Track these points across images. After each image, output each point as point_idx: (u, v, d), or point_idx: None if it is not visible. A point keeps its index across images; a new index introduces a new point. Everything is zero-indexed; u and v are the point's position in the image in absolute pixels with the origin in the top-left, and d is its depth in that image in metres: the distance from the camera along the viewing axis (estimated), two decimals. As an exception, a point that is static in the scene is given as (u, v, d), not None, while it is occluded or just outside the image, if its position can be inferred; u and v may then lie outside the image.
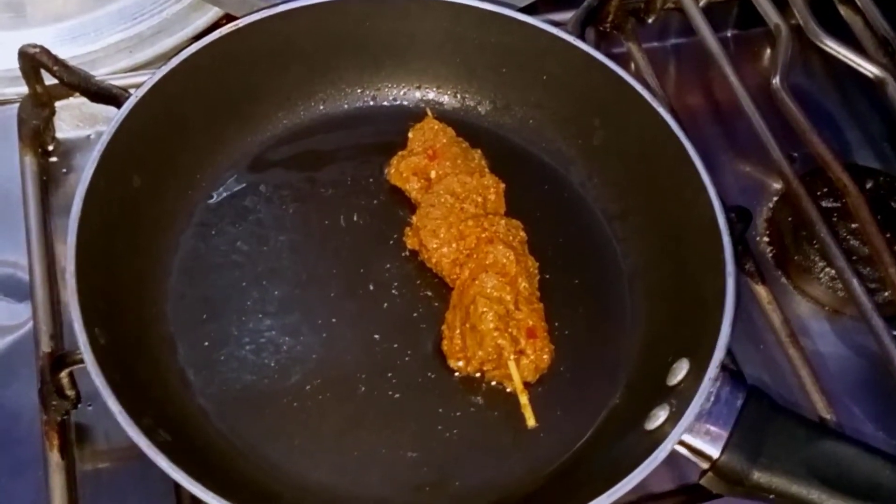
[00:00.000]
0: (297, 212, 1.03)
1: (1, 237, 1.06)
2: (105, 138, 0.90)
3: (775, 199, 1.18)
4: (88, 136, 1.15)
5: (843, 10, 1.23)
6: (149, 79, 0.95)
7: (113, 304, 0.87)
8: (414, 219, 1.00)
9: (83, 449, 0.93)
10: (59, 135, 1.13)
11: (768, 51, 1.33)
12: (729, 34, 1.34)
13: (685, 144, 0.93)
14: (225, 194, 1.03)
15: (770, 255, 1.14)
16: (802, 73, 1.30)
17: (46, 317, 0.96)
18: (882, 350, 0.96)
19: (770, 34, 1.23)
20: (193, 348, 0.92)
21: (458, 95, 1.11)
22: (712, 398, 0.80)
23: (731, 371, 0.83)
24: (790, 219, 1.13)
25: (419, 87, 1.11)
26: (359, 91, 1.10)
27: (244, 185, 1.04)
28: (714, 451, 0.79)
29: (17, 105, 1.11)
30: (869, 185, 1.13)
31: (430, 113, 1.07)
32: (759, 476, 0.77)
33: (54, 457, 0.90)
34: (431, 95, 1.11)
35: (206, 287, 0.97)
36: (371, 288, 0.98)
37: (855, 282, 0.98)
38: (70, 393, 0.91)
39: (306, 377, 0.92)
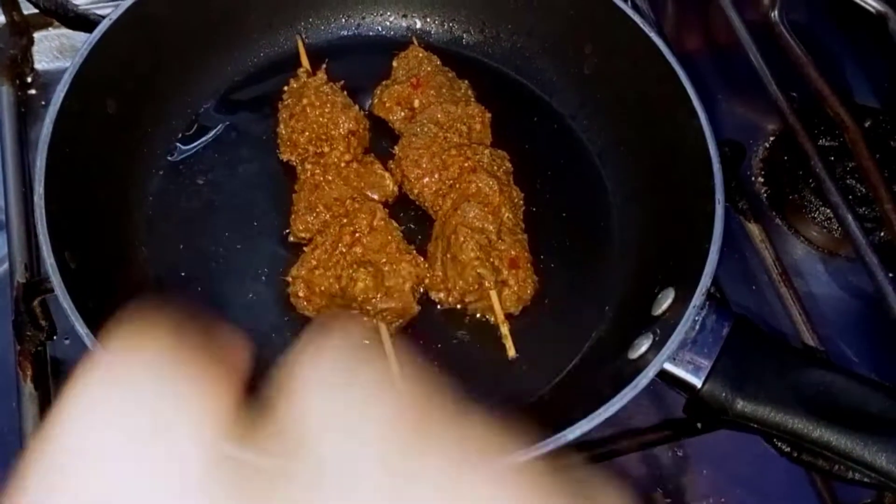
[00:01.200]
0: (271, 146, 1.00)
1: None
2: (78, 60, 0.88)
3: (772, 139, 1.16)
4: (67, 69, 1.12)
5: (844, -55, 1.20)
6: (125, 1, 0.92)
7: (85, 230, 0.85)
8: (396, 149, 0.97)
9: (59, 383, 0.91)
10: (38, 66, 1.11)
11: (766, -11, 1.30)
12: (727, -29, 1.30)
13: (677, 70, 0.89)
14: (202, 123, 1.01)
15: (764, 195, 1.12)
16: (805, 11, 1.27)
17: (21, 247, 0.95)
18: (876, 288, 0.93)
19: (768, -30, 1.21)
20: (169, 275, 0.90)
21: (446, 24, 1.08)
22: (697, 327, 0.78)
23: (718, 300, 0.80)
24: (786, 158, 1.10)
25: (405, 16, 1.08)
26: (343, 20, 1.07)
27: (221, 116, 1.01)
28: (697, 381, 0.76)
29: (-6, 34, 1.09)
30: (868, 124, 1.10)
31: (415, 41, 1.04)
32: (743, 405, 0.75)
33: (28, 387, 0.88)
34: (418, 25, 1.08)
35: (180, 216, 0.95)
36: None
37: (850, 218, 0.96)
38: (44, 323, 0.89)
39: (285, 311, 0.90)
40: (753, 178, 1.12)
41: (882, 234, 1.01)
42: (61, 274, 0.77)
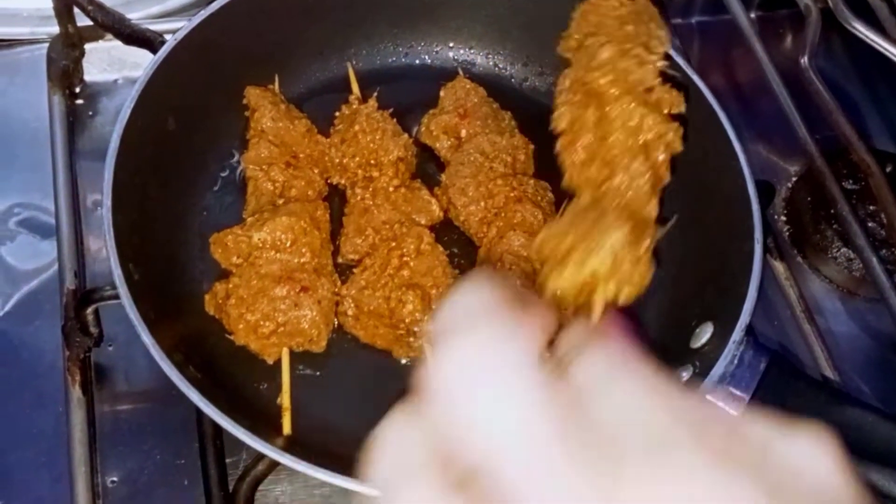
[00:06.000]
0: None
1: (27, 177, 1.07)
2: (143, 78, 0.91)
3: (794, 179, 1.20)
4: (116, 81, 1.15)
5: (871, -3, 1.24)
6: (187, 23, 0.96)
7: (146, 244, 0.88)
8: (443, 177, 1.01)
9: (102, 389, 0.93)
10: (87, 77, 1.13)
11: (790, 35, 1.35)
12: (753, 15, 1.35)
13: (718, 112, 0.94)
14: (255, 142, 1.03)
15: (787, 233, 1.16)
16: (824, 56, 1.31)
17: (71, 254, 0.97)
18: (898, 328, 0.98)
19: (793, 17, 1.25)
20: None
21: (491, 57, 1.12)
22: (735, 361, 0.81)
23: (754, 336, 0.84)
24: (809, 199, 1.14)
25: (452, 47, 1.11)
26: (391, 48, 1.11)
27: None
28: (734, 413, 0.80)
29: (47, 45, 1.11)
30: (888, 169, 1.14)
31: (461, 72, 1.08)
32: (778, 439, 0.78)
33: (76, 392, 0.90)
34: (464, 55, 1.12)
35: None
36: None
37: (875, 260, 1.00)
38: (94, 330, 0.91)
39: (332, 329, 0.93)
40: (777, 217, 1.16)
41: (902, 276, 1.05)
42: (128, 285, 0.80)
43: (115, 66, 1.15)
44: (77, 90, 1.12)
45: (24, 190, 1.06)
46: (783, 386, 0.81)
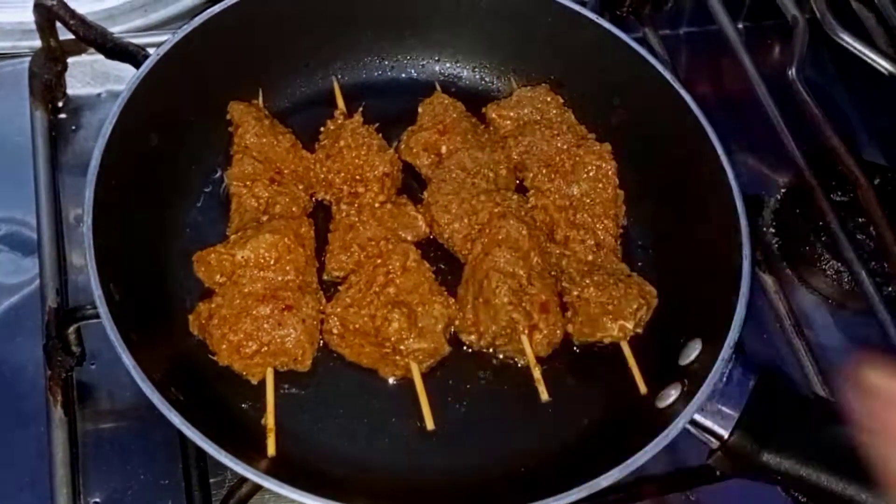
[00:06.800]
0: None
1: (9, 193, 1.05)
2: (125, 94, 0.90)
3: (783, 191, 1.19)
4: (99, 95, 1.14)
5: (857, 7, 1.24)
6: (171, 37, 0.95)
7: (128, 262, 0.87)
8: (425, 194, 0.99)
9: (85, 408, 0.92)
10: (70, 91, 1.12)
11: (778, 46, 1.34)
12: (741, 26, 1.34)
13: (705, 126, 0.93)
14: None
15: (776, 246, 1.15)
16: (812, 67, 1.31)
17: (53, 272, 0.96)
18: (888, 342, 0.97)
19: (780, 28, 1.25)
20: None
21: (477, 70, 1.11)
22: (724, 378, 0.80)
23: (744, 353, 0.83)
24: (798, 211, 1.14)
25: (438, 60, 1.11)
26: (377, 61, 1.10)
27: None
28: (724, 431, 0.79)
29: (29, 59, 1.10)
30: (877, 181, 1.13)
31: (438, 88, 1.07)
32: (767, 457, 0.78)
33: (57, 413, 0.89)
34: (450, 69, 1.11)
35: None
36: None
37: (864, 273, 1.00)
38: (76, 349, 0.90)
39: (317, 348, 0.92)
40: (766, 230, 1.16)
41: (891, 288, 1.04)
42: (108, 305, 0.79)
43: (98, 79, 1.14)
44: (60, 104, 1.11)
45: (5, 205, 1.05)
46: (773, 403, 0.80)
